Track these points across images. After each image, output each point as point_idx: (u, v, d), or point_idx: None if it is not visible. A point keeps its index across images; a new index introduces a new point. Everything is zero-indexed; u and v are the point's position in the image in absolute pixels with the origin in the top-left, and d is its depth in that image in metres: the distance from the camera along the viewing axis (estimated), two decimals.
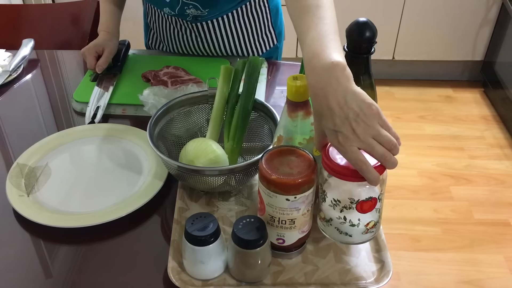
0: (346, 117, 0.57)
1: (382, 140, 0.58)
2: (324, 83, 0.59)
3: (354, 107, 0.57)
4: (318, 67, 0.60)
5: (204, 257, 0.66)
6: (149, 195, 0.81)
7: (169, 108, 0.86)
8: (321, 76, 0.59)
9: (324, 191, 0.67)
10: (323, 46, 0.61)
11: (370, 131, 0.57)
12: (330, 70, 0.58)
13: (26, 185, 0.84)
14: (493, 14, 2.39)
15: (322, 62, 0.59)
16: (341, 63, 0.59)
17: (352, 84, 0.58)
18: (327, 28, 0.63)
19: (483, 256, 1.70)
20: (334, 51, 0.60)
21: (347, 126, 0.57)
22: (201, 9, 1.10)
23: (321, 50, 0.60)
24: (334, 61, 0.59)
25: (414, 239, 1.77)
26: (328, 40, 0.62)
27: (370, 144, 0.58)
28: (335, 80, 0.58)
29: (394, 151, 0.59)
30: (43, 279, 0.73)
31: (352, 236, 0.67)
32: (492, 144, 2.23)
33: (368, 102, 0.58)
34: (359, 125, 0.57)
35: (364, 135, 0.57)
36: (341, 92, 0.58)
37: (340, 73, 0.58)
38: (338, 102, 0.58)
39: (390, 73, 2.67)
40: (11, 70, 1.17)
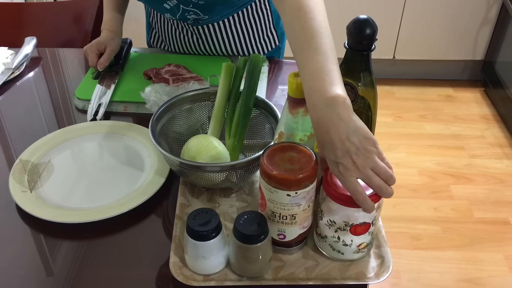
0: (347, 150, 0.60)
1: (379, 171, 0.61)
2: (325, 118, 0.61)
3: (355, 142, 0.60)
4: (319, 103, 0.61)
5: (205, 252, 0.67)
6: (151, 192, 0.82)
7: (170, 105, 0.87)
8: (322, 111, 0.61)
9: (321, 210, 0.69)
10: (321, 80, 0.62)
11: (369, 163, 0.60)
12: (330, 105, 0.60)
13: (29, 181, 0.85)
14: (493, 14, 2.40)
15: (322, 97, 0.61)
16: (340, 96, 0.61)
17: (352, 118, 0.60)
18: (324, 59, 0.64)
19: (483, 254, 1.70)
20: (332, 84, 0.62)
21: (348, 158, 0.60)
22: (201, 14, 1.11)
23: (320, 85, 0.62)
24: (334, 95, 0.60)
25: (414, 237, 1.77)
26: (326, 72, 0.63)
27: (368, 175, 0.61)
28: (336, 115, 0.60)
29: (390, 181, 0.61)
30: (45, 274, 0.73)
31: (344, 254, 0.70)
32: (492, 143, 2.24)
33: (368, 137, 0.60)
34: (359, 158, 0.60)
35: (364, 167, 0.60)
36: (343, 128, 0.60)
37: (341, 107, 0.60)
38: (339, 137, 0.60)
39: (391, 72, 2.67)
40: (13, 68, 1.17)
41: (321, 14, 0.70)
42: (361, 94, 0.70)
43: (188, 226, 0.66)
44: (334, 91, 0.61)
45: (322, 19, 0.69)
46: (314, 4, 0.70)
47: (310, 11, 0.69)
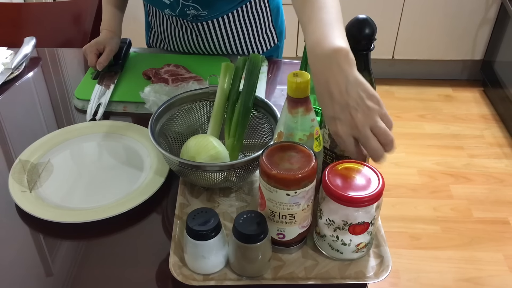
0: (346, 104, 0.56)
1: (379, 132, 0.57)
2: (325, 69, 0.58)
3: (355, 95, 0.56)
4: (321, 54, 0.59)
5: (205, 251, 0.67)
6: (151, 191, 0.82)
7: (170, 105, 0.87)
8: (323, 62, 0.58)
9: (321, 210, 0.69)
10: (325, 33, 0.60)
11: (369, 121, 0.56)
12: (332, 56, 0.57)
13: (29, 181, 0.85)
14: (492, 14, 2.40)
15: (325, 48, 0.58)
16: (343, 48, 0.58)
17: (354, 71, 0.57)
18: (329, 17, 0.62)
19: (482, 254, 1.71)
20: (336, 37, 0.59)
21: (346, 113, 0.57)
22: (200, 10, 1.11)
23: (324, 37, 0.59)
24: (336, 47, 0.58)
25: (414, 237, 1.78)
26: (330, 27, 0.61)
27: (366, 135, 0.57)
28: (336, 65, 0.57)
29: (388, 147, 0.58)
30: (45, 274, 0.73)
31: (343, 254, 0.70)
32: (491, 143, 2.24)
33: (370, 92, 0.57)
34: (358, 113, 0.56)
35: (363, 125, 0.56)
36: (343, 78, 0.57)
37: (343, 59, 0.57)
38: (339, 88, 0.57)
39: (390, 72, 2.67)
40: (13, 68, 1.17)
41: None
42: None
43: (188, 226, 0.66)
44: (337, 44, 0.58)
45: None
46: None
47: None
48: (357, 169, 0.68)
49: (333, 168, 0.68)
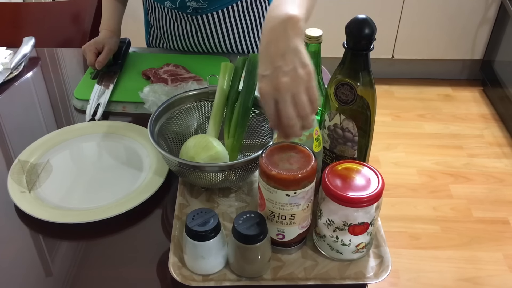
0: (279, 66, 0.58)
1: (297, 101, 0.58)
2: (272, 31, 0.60)
3: (289, 61, 0.58)
4: (273, 17, 0.61)
5: (204, 252, 0.67)
6: (150, 192, 0.82)
7: (169, 105, 0.87)
8: (273, 24, 0.60)
9: (320, 210, 0.69)
10: (284, 3, 0.62)
11: (293, 87, 0.58)
12: (282, 20, 0.59)
13: (28, 182, 0.85)
14: (492, 13, 2.40)
15: (278, 13, 0.60)
16: (295, 16, 0.59)
17: (297, 40, 0.59)
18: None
19: (482, 253, 1.70)
20: (294, 6, 0.61)
21: (275, 74, 0.58)
22: (201, 1, 1.11)
23: (282, 7, 0.61)
24: (289, 14, 0.60)
25: (413, 237, 1.77)
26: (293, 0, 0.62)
27: (285, 98, 0.58)
28: (283, 30, 0.59)
29: (304, 119, 0.58)
30: (44, 274, 0.73)
31: (343, 254, 0.70)
32: (491, 142, 2.24)
33: (304, 62, 0.58)
34: (285, 77, 0.57)
35: (285, 89, 0.58)
36: (284, 43, 0.58)
37: (291, 26, 0.59)
38: (277, 50, 0.58)
39: (390, 71, 2.67)
40: (12, 68, 1.17)
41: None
42: (360, 94, 0.70)
43: (187, 226, 0.66)
44: (291, 11, 0.60)
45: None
46: None
47: None
48: (356, 169, 0.68)
49: (332, 169, 0.68)
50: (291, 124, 0.59)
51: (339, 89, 0.72)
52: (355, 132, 0.73)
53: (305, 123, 0.59)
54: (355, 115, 0.72)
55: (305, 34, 0.80)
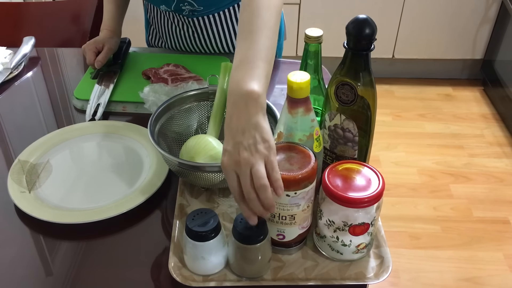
0: (240, 142, 0.60)
1: (255, 174, 0.59)
2: (234, 107, 0.62)
3: (249, 137, 0.60)
4: (235, 91, 0.63)
5: (205, 252, 0.67)
6: (150, 192, 0.82)
7: (169, 105, 0.87)
8: (235, 99, 0.62)
9: (321, 210, 0.69)
10: (244, 71, 0.64)
11: (251, 161, 0.59)
12: (244, 96, 0.61)
13: (28, 182, 0.85)
14: (493, 12, 2.39)
15: (239, 88, 0.62)
16: (255, 92, 0.61)
17: (258, 116, 0.61)
18: (254, 54, 0.65)
19: (483, 253, 1.70)
20: (252, 79, 0.63)
21: (236, 149, 0.60)
22: (196, 5, 1.11)
23: (241, 76, 0.63)
24: (250, 90, 0.62)
25: (414, 236, 1.77)
26: (251, 66, 0.64)
27: (244, 173, 0.59)
28: (244, 106, 0.61)
29: (260, 192, 0.59)
30: (44, 275, 0.73)
31: (343, 254, 0.70)
32: (491, 142, 2.24)
33: (265, 138, 0.60)
34: (245, 152, 0.59)
35: (245, 163, 0.59)
36: (245, 119, 0.61)
37: (252, 102, 0.61)
38: (238, 126, 0.61)
39: (390, 71, 2.67)
40: (12, 68, 1.17)
41: (269, 12, 0.69)
42: (360, 94, 0.70)
43: (187, 227, 0.65)
44: (251, 86, 0.62)
45: (268, 18, 0.69)
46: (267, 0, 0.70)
47: (259, 6, 0.69)
48: (357, 169, 0.68)
49: (333, 169, 0.68)
50: (251, 197, 0.59)
51: (339, 89, 0.72)
52: (355, 133, 0.73)
53: (262, 196, 0.59)
54: (356, 115, 0.72)
55: (305, 34, 0.80)
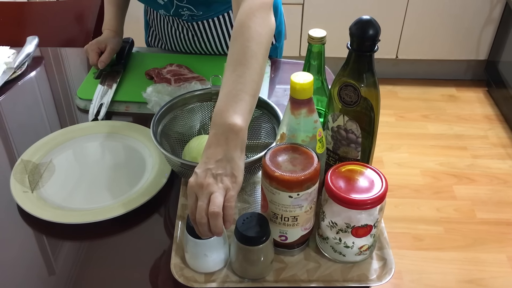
0: (209, 169, 0.62)
1: (211, 200, 0.61)
2: (215, 136, 0.64)
3: (221, 168, 0.62)
4: (217, 124, 0.65)
5: (206, 250, 0.67)
6: (152, 192, 0.82)
7: (172, 105, 0.87)
8: (216, 131, 0.65)
9: (323, 212, 0.69)
10: (229, 104, 0.66)
11: (213, 188, 0.61)
12: (225, 129, 0.64)
13: (30, 181, 0.85)
14: (497, 13, 2.39)
15: (222, 120, 0.65)
16: (237, 126, 0.64)
17: (235, 151, 0.63)
18: (241, 88, 0.67)
19: (486, 255, 1.70)
20: (236, 113, 0.65)
21: (204, 174, 0.62)
22: (195, 11, 1.11)
23: (226, 108, 0.65)
24: (232, 124, 0.64)
25: (417, 238, 1.77)
26: (236, 100, 0.66)
27: (202, 196, 0.62)
28: (225, 138, 0.64)
29: (211, 218, 0.61)
30: (46, 274, 0.73)
31: (346, 256, 0.70)
32: (495, 143, 2.23)
33: (234, 173, 0.63)
34: (210, 179, 0.62)
35: (206, 187, 0.61)
36: (221, 151, 0.63)
37: (233, 136, 0.64)
38: (213, 155, 0.63)
39: (394, 72, 2.66)
40: (15, 67, 1.17)
41: (258, 45, 0.71)
42: (363, 95, 0.70)
43: (188, 225, 0.65)
44: (234, 120, 0.64)
45: (257, 51, 0.70)
46: (256, 32, 0.72)
47: (249, 39, 0.71)
48: (360, 171, 0.68)
49: (336, 170, 0.68)
50: (202, 222, 0.61)
51: (342, 90, 0.71)
52: (358, 134, 0.73)
53: (212, 223, 0.61)
54: (359, 116, 0.72)
55: (308, 35, 0.80)
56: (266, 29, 0.74)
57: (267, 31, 0.74)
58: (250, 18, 0.73)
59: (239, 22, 0.73)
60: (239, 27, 0.72)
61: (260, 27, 0.73)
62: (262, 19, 0.74)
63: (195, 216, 0.62)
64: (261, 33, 0.72)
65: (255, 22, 0.72)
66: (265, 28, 0.74)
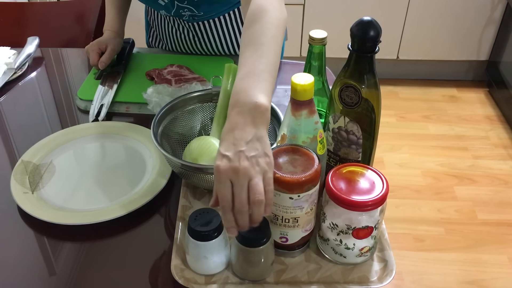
0: (242, 151, 0.58)
1: (251, 187, 0.57)
2: (240, 116, 0.60)
3: (252, 149, 0.58)
4: (242, 102, 0.61)
5: (207, 252, 0.66)
6: (153, 193, 0.81)
7: (173, 106, 0.87)
8: (240, 109, 0.60)
9: (324, 213, 0.69)
10: (253, 83, 0.62)
11: (251, 173, 0.57)
12: (250, 108, 0.60)
13: (31, 182, 0.85)
14: (498, 14, 2.38)
15: (247, 98, 0.61)
16: (263, 105, 0.60)
17: (264, 130, 0.60)
18: (263, 67, 0.64)
19: (487, 256, 1.69)
20: (261, 92, 0.61)
21: (236, 157, 0.57)
22: (196, 12, 1.11)
23: (250, 87, 0.62)
24: (258, 102, 0.60)
25: (418, 239, 1.76)
26: (260, 79, 0.63)
27: (242, 185, 0.57)
28: (251, 118, 0.60)
29: (255, 206, 0.57)
30: (47, 275, 0.73)
31: (347, 258, 0.70)
32: (496, 144, 2.23)
33: (267, 152, 0.59)
34: (246, 162, 0.57)
35: (244, 173, 0.57)
36: (251, 131, 0.59)
37: (259, 115, 0.60)
38: (242, 136, 0.58)
39: (395, 72, 2.66)
40: (16, 68, 1.17)
41: (277, 29, 0.70)
42: (364, 97, 0.69)
43: (190, 227, 0.65)
44: (259, 98, 0.61)
45: (277, 34, 0.69)
46: (276, 17, 0.71)
47: (269, 21, 0.70)
48: (361, 172, 0.68)
49: (336, 171, 0.68)
50: (243, 210, 0.57)
51: (343, 91, 0.71)
52: (359, 135, 0.73)
53: (256, 211, 0.57)
54: (360, 117, 0.72)
55: (309, 36, 0.80)
56: (283, 16, 0.73)
57: (284, 19, 0.73)
58: (268, 3, 0.72)
59: (257, 5, 0.71)
60: (258, 10, 0.71)
61: (279, 12, 0.72)
62: (279, 6, 0.73)
63: (230, 205, 0.57)
64: (280, 19, 0.71)
65: (274, 7, 0.71)
66: (282, 15, 0.73)
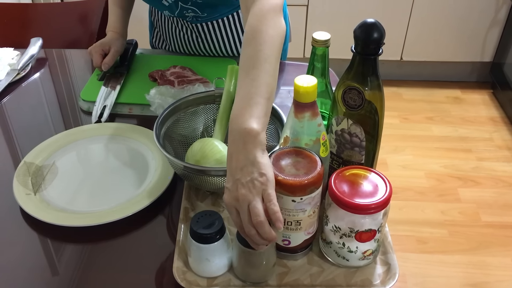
0: (238, 179, 0.61)
1: (252, 210, 0.60)
2: (234, 144, 0.63)
3: (247, 173, 0.61)
4: (234, 130, 0.64)
5: (209, 254, 0.66)
6: (155, 195, 0.81)
7: (175, 108, 0.86)
8: (235, 137, 0.63)
9: (327, 216, 0.68)
10: (244, 109, 0.64)
11: (249, 198, 0.60)
12: (242, 135, 0.62)
13: (33, 184, 0.85)
14: (502, 15, 2.37)
15: (238, 126, 0.63)
16: (253, 130, 0.62)
17: (256, 152, 0.62)
18: (255, 91, 0.66)
19: (490, 259, 1.69)
20: (252, 116, 0.63)
21: (234, 187, 0.61)
22: (199, 13, 1.11)
23: (241, 113, 0.64)
24: (248, 128, 0.62)
25: (421, 241, 1.76)
26: (251, 104, 0.65)
27: (242, 209, 0.60)
28: (243, 144, 0.62)
29: (258, 228, 0.60)
30: (49, 277, 0.73)
31: (349, 261, 0.70)
32: (500, 146, 2.22)
33: (262, 172, 0.61)
34: (243, 189, 0.60)
35: (243, 199, 0.60)
36: (243, 157, 0.61)
37: (250, 141, 0.62)
38: (237, 164, 0.62)
39: (398, 73, 2.65)
40: (19, 69, 1.17)
41: (271, 47, 0.70)
42: (368, 99, 0.69)
43: (192, 229, 0.65)
44: (250, 124, 0.63)
45: (270, 53, 0.70)
46: (268, 35, 0.71)
47: (261, 42, 0.70)
48: (364, 175, 0.67)
49: (339, 174, 0.67)
50: (251, 233, 0.60)
51: (346, 93, 0.71)
52: (362, 137, 0.72)
53: (261, 231, 0.60)
54: (363, 120, 0.71)
55: (312, 38, 0.80)
56: (277, 31, 0.73)
57: (279, 33, 0.73)
58: (261, 22, 0.72)
59: (251, 26, 0.72)
60: (251, 31, 0.72)
61: (272, 29, 0.72)
62: (273, 21, 0.73)
63: (244, 231, 0.61)
64: (273, 36, 0.72)
65: (267, 25, 0.72)
66: (277, 30, 0.73)
